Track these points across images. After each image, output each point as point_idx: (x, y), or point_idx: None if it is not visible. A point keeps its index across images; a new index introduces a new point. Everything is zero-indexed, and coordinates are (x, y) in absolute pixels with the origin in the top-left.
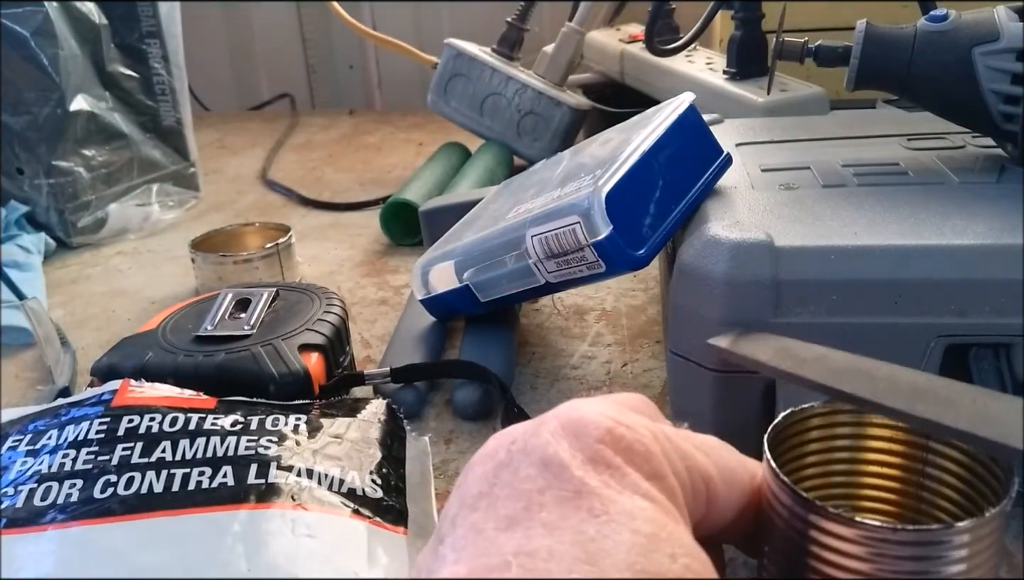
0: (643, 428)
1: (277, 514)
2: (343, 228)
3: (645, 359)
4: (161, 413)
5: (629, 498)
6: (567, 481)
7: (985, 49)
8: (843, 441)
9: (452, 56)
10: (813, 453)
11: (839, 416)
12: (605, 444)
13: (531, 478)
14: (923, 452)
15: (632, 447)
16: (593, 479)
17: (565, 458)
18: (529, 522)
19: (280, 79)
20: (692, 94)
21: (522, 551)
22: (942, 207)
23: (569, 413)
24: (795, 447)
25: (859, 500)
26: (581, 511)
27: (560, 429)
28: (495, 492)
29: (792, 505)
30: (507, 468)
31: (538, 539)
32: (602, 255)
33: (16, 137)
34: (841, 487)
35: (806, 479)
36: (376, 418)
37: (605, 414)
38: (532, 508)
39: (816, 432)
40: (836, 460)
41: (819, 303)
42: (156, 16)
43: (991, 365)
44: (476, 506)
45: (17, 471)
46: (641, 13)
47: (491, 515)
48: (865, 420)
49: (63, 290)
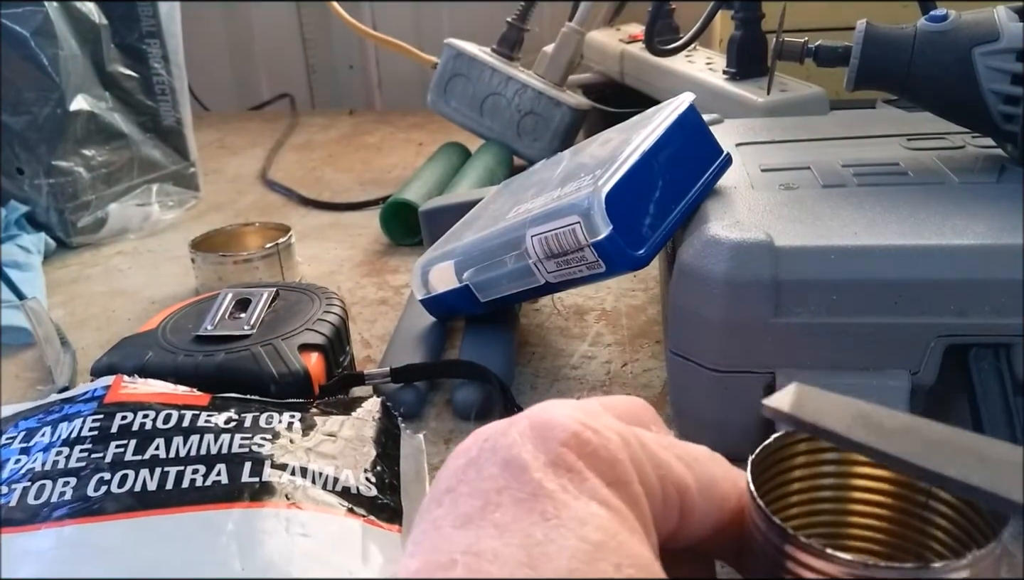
0: (611, 433)
1: (271, 513)
2: (343, 228)
3: (645, 359)
4: (155, 410)
5: (584, 503)
6: (525, 483)
7: (985, 49)
8: (830, 467)
9: (452, 56)
10: (798, 479)
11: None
12: (569, 447)
13: (492, 477)
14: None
15: (596, 452)
16: (551, 482)
17: (527, 459)
18: (482, 521)
19: (280, 79)
20: (692, 94)
21: (470, 550)
22: (942, 207)
23: (540, 414)
24: (782, 472)
25: (845, 528)
26: (534, 514)
27: (528, 429)
28: (459, 489)
29: (767, 531)
30: (474, 466)
31: (487, 539)
32: (602, 255)
33: (16, 137)
34: (827, 515)
35: (791, 506)
36: (371, 416)
37: (574, 417)
38: (488, 507)
39: (803, 458)
40: (822, 487)
41: (819, 303)
42: (156, 16)
43: (991, 365)
44: (441, 501)
45: (10, 469)
46: (641, 13)
47: (451, 512)
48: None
49: (63, 290)
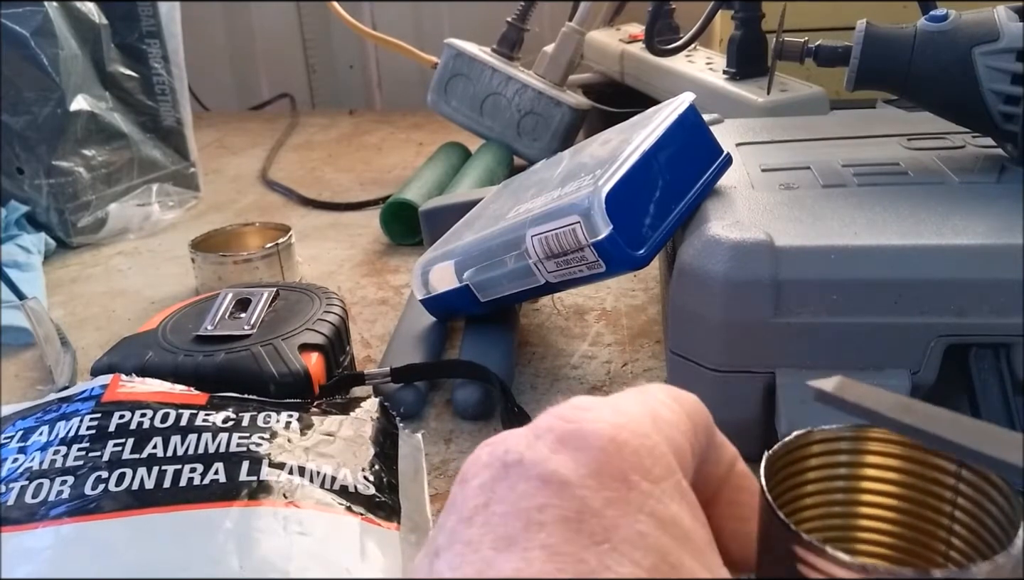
0: (644, 424)
1: (269, 511)
2: (343, 228)
3: (645, 359)
4: (152, 409)
5: (632, 520)
6: (568, 499)
7: (985, 49)
8: (843, 468)
9: (452, 56)
10: (812, 481)
11: (840, 443)
12: (608, 454)
13: (529, 494)
14: (926, 482)
15: (637, 452)
16: (595, 498)
17: (566, 474)
18: (527, 543)
19: (280, 79)
20: (692, 94)
21: (520, 575)
22: (942, 207)
23: (564, 424)
24: (796, 473)
25: (858, 530)
26: (582, 536)
27: (557, 442)
28: (492, 507)
29: (776, 530)
30: (504, 482)
31: (538, 563)
32: (602, 255)
33: (16, 137)
34: (840, 517)
35: (806, 507)
36: (369, 415)
37: (603, 419)
38: (531, 528)
39: (816, 459)
40: (836, 488)
41: (819, 303)
42: (156, 16)
43: (991, 365)
44: (472, 520)
45: (8, 468)
46: (641, 13)
47: (488, 532)
48: (863, 448)
49: (63, 290)
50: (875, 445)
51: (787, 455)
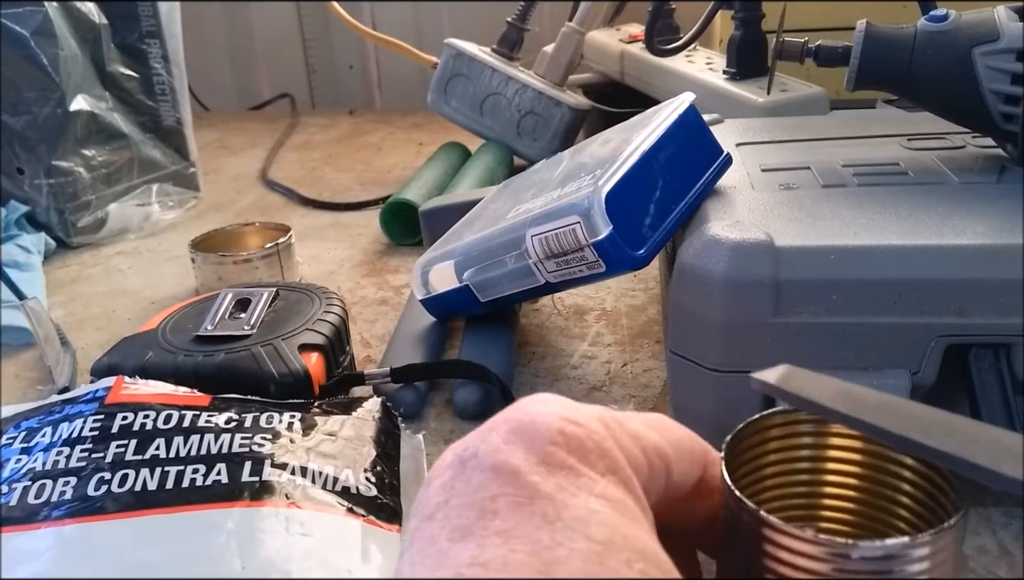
0: (594, 422)
1: (271, 512)
2: (343, 228)
3: (645, 359)
4: (155, 410)
5: (584, 500)
6: (520, 487)
7: (985, 49)
8: (804, 451)
9: (452, 56)
10: (772, 463)
11: (800, 426)
12: (557, 445)
13: (483, 485)
14: (881, 461)
15: (584, 444)
16: (547, 483)
17: (516, 463)
18: (483, 531)
19: (280, 79)
20: (692, 94)
21: (476, 562)
22: (942, 207)
23: (519, 416)
24: (757, 457)
25: (819, 509)
26: (535, 517)
27: (511, 433)
28: (450, 502)
29: (736, 509)
30: (460, 477)
31: (492, 549)
32: (602, 255)
33: (16, 137)
34: (802, 497)
35: (767, 488)
36: (371, 416)
37: (554, 413)
38: (485, 516)
39: (776, 442)
40: (796, 470)
41: (819, 303)
42: (156, 16)
43: (991, 365)
44: (433, 517)
45: (11, 469)
46: (641, 13)
47: (445, 526)
48: (826, 429)
49: (63, 290)
50: (836, 427)
51: (749, 437)
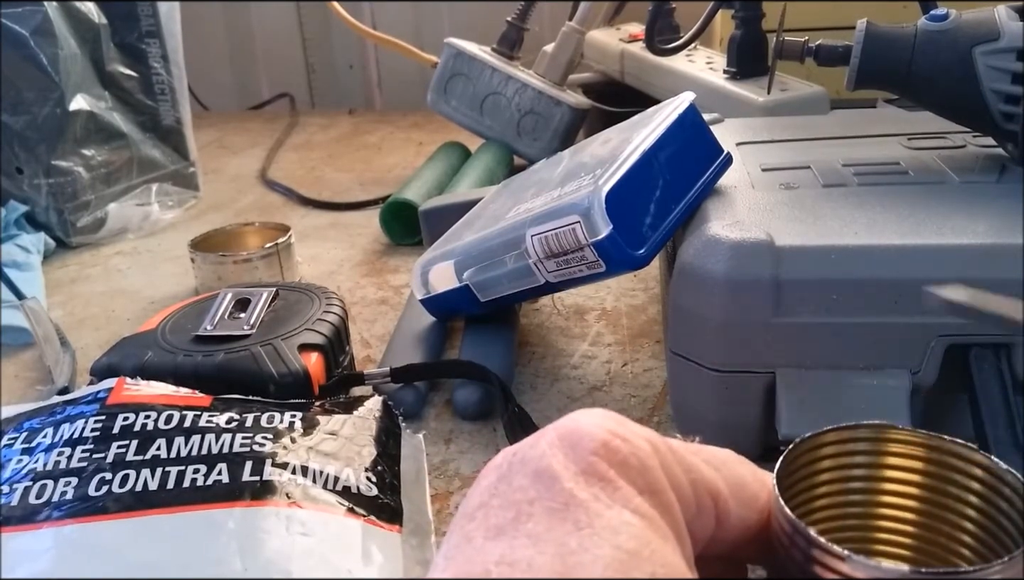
0: (641, 440)
1: (272, 512)
2: (343, 228)
3: (645, 359)
4: (156, 411)
5: (617, 512)
6: (557, 493)
7: (985, 48)
8: (859, 470)
9: (452, 55)
10: (826, 482)
11: (856, 443)
12: (599, 456)
13: (523, 488)
14: (943, 482)
15: (627, 460)
16: (583, 491)
17: (558, 470)
18: (515, 532)
19: (280, 79)
20: (692, 93)
21: (504, 560)
22: (942, 207)
23: (568, 424)
24: (810, 475)
25: (874, 531)
26: (567, 523)
27: (557, 440)
28: (491, 503)
29: (789, 531)
30: (504, 479)
31: (521, 549)
32: (602, 255)
33: (16, 137)
34: (856, 518)
35: (819, 508)
36: (372, 415)
37: (603, 426)
38: (520, 518)
39: (830, 461)
40: (850, 490)
41: (819, 303)
42: (156, 16)
43: (991, 365)
44: (473, 516)
45: (12, 469)
46: (641, 12)
47: (482, 525)
48: (882, 447)
49: (63, 290)
50: (895, 446)
51: (801, 455)
